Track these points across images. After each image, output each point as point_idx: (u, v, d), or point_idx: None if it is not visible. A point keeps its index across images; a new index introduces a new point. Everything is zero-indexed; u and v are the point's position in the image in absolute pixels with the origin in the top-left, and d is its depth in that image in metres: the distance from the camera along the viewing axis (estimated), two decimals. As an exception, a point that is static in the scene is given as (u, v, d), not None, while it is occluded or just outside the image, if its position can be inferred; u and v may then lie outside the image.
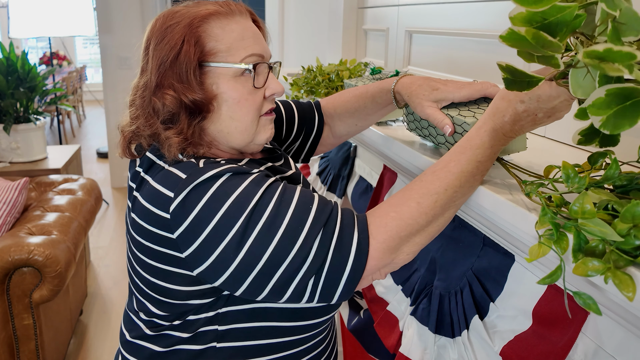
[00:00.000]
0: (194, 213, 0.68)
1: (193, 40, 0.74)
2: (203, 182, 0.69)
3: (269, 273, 0.67)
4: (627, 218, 0.48)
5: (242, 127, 0.79)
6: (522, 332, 0.78)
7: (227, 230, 0.67)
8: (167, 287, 0.76)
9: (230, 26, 0.77)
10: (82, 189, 2.55)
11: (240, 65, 0.76)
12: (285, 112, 1.05)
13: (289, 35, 2.99)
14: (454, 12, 1.22)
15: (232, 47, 0.76)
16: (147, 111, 0.77)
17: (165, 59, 0.75)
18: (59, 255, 1.88)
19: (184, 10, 0.78)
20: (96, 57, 9.43)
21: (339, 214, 0.70)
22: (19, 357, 1.95)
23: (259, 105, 0.80)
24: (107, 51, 4.35)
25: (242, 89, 0.77)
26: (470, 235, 0.93)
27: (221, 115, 0.77)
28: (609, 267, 0.49)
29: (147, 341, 0.83)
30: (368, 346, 1.31)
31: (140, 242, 0.76)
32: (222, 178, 0.70)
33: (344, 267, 0.67)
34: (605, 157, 0.64)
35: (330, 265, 0.67)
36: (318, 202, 0.71)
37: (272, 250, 0.66)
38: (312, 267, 0.67)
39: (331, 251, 0.67)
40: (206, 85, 0.76)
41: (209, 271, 0.70)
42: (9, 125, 2.73)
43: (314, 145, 1.08)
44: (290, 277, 0.67)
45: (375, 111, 0.99)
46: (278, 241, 0.66)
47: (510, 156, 0.85)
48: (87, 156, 5.71)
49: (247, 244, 0.66)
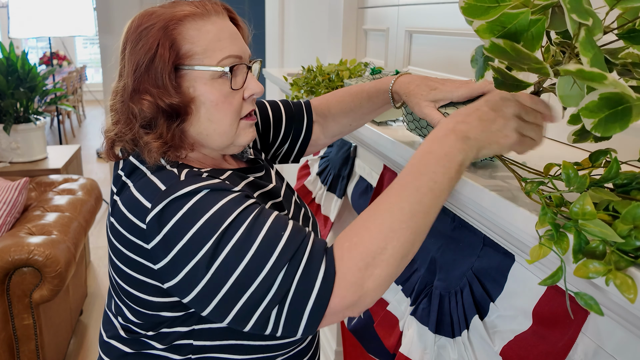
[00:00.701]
0: (168, 226, 0.67)
1: (168, 44, 0.73)
2: (181, 196, 0.68)
3: (234, 298, 0.65)
4: (628, 219, 0.48)
5: (221, 129, 0.78)
6: (522, 332, 0.78)
7: (199, 248, 0.66)
8: (139, 296, 0.76)
9: (205, 27, 0.75)
10: (82, 189, 2.55)
11: (216, 68, 0.75)
12: (273, 112, 1.03)
13: (289, 35, 2.99)
14: (454, 12, 1.22)
15: (208, 49, 0.74)
16: (126, 116, 0.76)
17: (141, 63, 0.73)
18: (59, 255, 1.88)
19: (160, 11, 0.76)
20: (96, 57, 9.42)
21: (309, 245, 0.66)
22: (19, 357, 1.95)
23: (237, 107, 0.78)
24: (107, 51, 4.34)
25: (220, 92, 0.76)
26: (470, 235, 0.93)
27: (200, 117, 0.76)
28: (610, 269, 0.49)
29: (120, 342, 0.84)
30: (368, 346, 1.31)
31: (117, 247, 0.75)
32: (200, 194, 0.68)
33: (307, 301, 0.63)
34: (606, 156, 0.64)
35: (293, 296, 0.64)
36: (291, 230, 0.68)
37: (238, 275, 0.64)
38: (275, 296, 0.64)
39: (295, 282, 0.64)
40: (183, 89, 0.75)
41: (178, 286, 0.68)
42: (9, 125, 2.73)
43: (304, 145, 1.06)
44: (255, 305, 0.64)
45: (371, 111, 0.98)
46: (245, 266, 0.64)
47: (510, 154, 0.85)
48: (87, 156, 5.71)
49: (215, 264, 0.65)
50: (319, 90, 1.45)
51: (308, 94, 1.49)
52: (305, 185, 1.87)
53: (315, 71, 1.51)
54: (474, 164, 0.83)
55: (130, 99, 0.75)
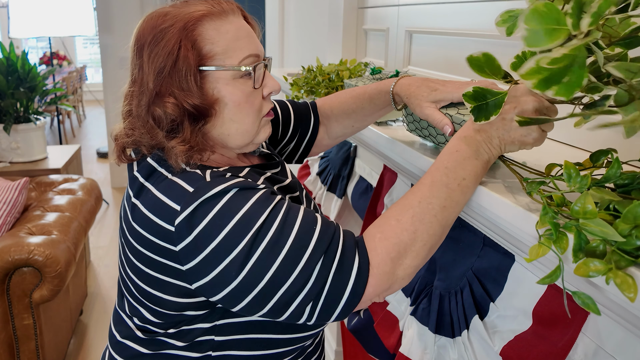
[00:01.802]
0: (199, 228, 0.67)
1: (190, 45, 0.71)
2: (211, 197, 0.68)
3: (270, 294, 0.66)
4: (629, 219, 0.48)
5: (243, 128, 0.78)
6: (522, 332, 0.78)
7: (232, 248, 0.66)
8: (160, 296, 0.75)
9: (224, 27, 0.74)
10: (82, 189, 2.55)
11: (239, 68, 0.74)
12: (282, 112, 1.04)
13: (289, 35, 2.99)
14: (454, 12, 1.22)
15: (229, 49, 0.74)
16: (147, 121, 0.74)
17: (163, 66, 0.72)
18: (59, 255, 1.88)
19: (174, 11, 0.74)
20: (96, 57, 9.42)
21: (341, 237, 0.69)
22: (19, 357, 1.95)
23: (259, 106, 0.79)
24: (107, 51, 4.35)
25: (242, 92, 0.75)
26: (470, 235, 0.93)
27: (223, 118, 0.76)
28: (611, 268, 0.49)
29: (136, 343, 0.83)
30: (368, 346, 1.31)
31: (137, 249, 0.74)
32: (229, 194, 0.68)
33: (343, 292, 0.66)
34: (607, 156, 0.64)
35: (329, 288, 0.66)
36: (321, 224, 0.70)
37: (274, 272, 0.65)
38: (312, 290, 0.66)
39: (331, 275, 0.66)
40: (206, 90, 0.74)
41: (208, 287, 0.69)
42: (9, 125, 2.73)
43: (309, 146, 1.07)
44: (290, 299, 0.66)
45: (373, 112, 0.98)
46: (280, 262, 0.65)
47: (512, 154, 0.85)
48: (87, 156, 5.71)
49: (249, 264, 0.65)
50: (319, 90, 1.45)
51: (308, 94, 1.49)
52: (306, 185, 1.87)
53: (315, 71, 1.51)
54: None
55: (152, 102, 0.73)
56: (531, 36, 0.50)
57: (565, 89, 0.50)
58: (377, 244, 0.68)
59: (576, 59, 0.49)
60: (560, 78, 0.50)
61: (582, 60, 0.50)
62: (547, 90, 0.51)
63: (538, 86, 0.51)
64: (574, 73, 0.50)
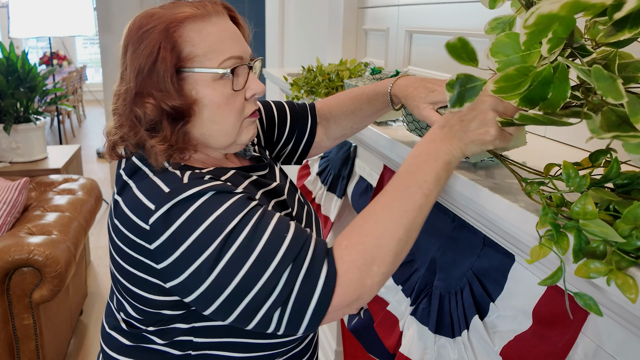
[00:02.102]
0: (172, 228, 0.68)
1: (169, 47, 0.73)
2: (185, 199, 0.69)
3: (238, 298, 0.66)
4: (629, 219, 0.48)
5: (224, 129, 0.78)
6: (522, 332, 0.78)
7: (203, 249, 0.67)
8: (140, 294, 0.77)
9: (206, 29, 0.75)
10: (82, 189, 2.55)
11: (218, 70, 0.75)
12: (278, 112, 1.04)
13: (289, 35, 2.99)
14: (454, 12, 1.22)
15: (210, 51, 0.75)
16: (130, 120, 0.75)
17: (143, 66, 0.73)
18: (59, 255, 1.88)
19: (160, 13, 0.76)
20: (96, 57, 9.42)
21: (311, 246, 0.69)
22: (19, 357, 1.95)
23: (240, 107, 0.79)
24: (107, 51, 4.35)
25: (222, 94, 0.76)
26: (470, 235, 0.93)
27: (203, 119, 0.77)
28: (611, 269, 0.49)
29: (121, 335, 0.85)
30: (368, 346, 1.31)
31: (119, 246, 0.76)
32: (204, 197, 0.69)
33: (310, 301, 0.66)
34: (606, 156, 0.64)
35: (297, 296, 0.66)
36: (293, 232, 0.70)
37: (243, 275, 0.66)
38: (279, 297, 0.66)
39: (299, 282, 0.66)
40: (185, 91, 0.75)
41: (182, 287, 0.69)
42: (9, 125, 2.73)
43: (307, 147, 1.07)
44: (258, 306, 0.66)
45: (372, 113, 0.98)
46: (249, 267, 0.66)
47: (512, 155, 0.85)
48: (87, 156, 5.71)
49: (219, 266, 0.66)
50: (319, 90, 1.45)
51: (308, 94, 1.49)
52: (306, 185, 1.87)
53: (316, 71, 1.51)
54: (475, 165, 0.83)
55: (133, 102, 0.75)
56: (503, 66, 0.52)
57: (550, 104, 0.52)
58: (343, 252, 0.67)
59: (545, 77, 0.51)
60: (542, 95, 0.52)
61: (563, 75, 0.51)
62: (533, 107, 0.53)
63: (521, 104, 0.53)
64: (556, 88, 0.52)
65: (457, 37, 0.64)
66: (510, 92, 0.54)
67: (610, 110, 0.49)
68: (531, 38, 0.50)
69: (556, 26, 0.48)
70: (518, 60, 0.53)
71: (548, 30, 0.49)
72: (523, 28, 0.49)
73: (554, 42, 0.50)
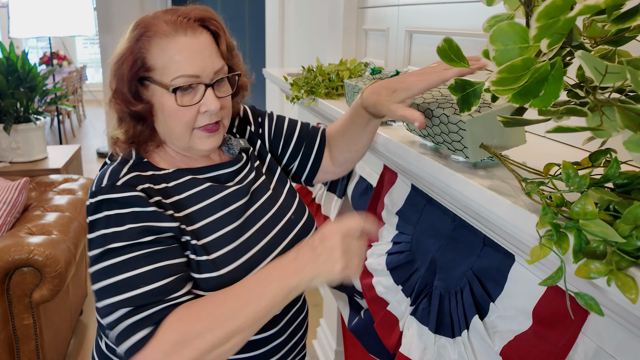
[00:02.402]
0: (94, 217, 0.80)
1: (137, 55, 0.82)
2: (110, 201, 0.79)
3: (100, 297, 0.77)
4: (629, 219, 0.48)
5: (175, 135, 0.87)
6: (522, 332, 0.78)
7: (93, 248, 0.78)
8: None
9: (168, 46, 0.82)
10: (82, 188, 2.55)
11: (166, 87, 0.82)
12: (288, 126, 1.08)
13: (289, 35, 2.99)
14: (454, 12, 1.22)
15: (165, 67, 0.82)
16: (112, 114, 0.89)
17: (115, 68, 0.85)
18: (59, 255, 1.88)
19: (146, 22, 0.84)
20: (96, 57, 9.42)
21: (158, 307, 0.74)
22: (19, 357, 1.95)
23: (189, 120, 0.85)
24: (107, 51, 4.34)
25: (171, 105, 0.83)
26: (470, 235, 0.93)
27: (160, 122, 0.87)
28: (611, 269, 0.49)
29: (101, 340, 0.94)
30: (368, 346, 1.31)
31: None
32: (122, 210, 0.78)
33: (125, 342, 0.73)
34: (606, 155, 0.63)
35: (121, 332, 0.74)
36: (152, 288, 0.75)
37: (100, 289, 0.76)
38: (115, 322, 0.74)
39: (127, 324, 0.73)
40: (146, 96, 0.85)
41: None
42: (9, 125, 2.72)
43: (315, 168, 1.09)
44: (109, 313, 0.76)
45: (360, 131, 0.99)
46: (105, 286, 0.76)
47: (512, 155, 0.85)
48: (87, 156, 5.71)
49: (95, 267, 0.77)
50: (319, 90, 1.45)
51: (308, 94, 1.49)
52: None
53: (316, 71, 1.51)
54: (475, 165, 0.83)
55: (110, 99, 0.87)
56: (499, 55, 0.52)
57: (541, 101, 0.52)
58: (172, 322, 0.73)
59: (546, 73, 0.51)
60: (535, 91, 0.52)
61: (559, 73, 0.51)
62: (524, 103, 0.53)
63: (513, 100, 0.53)
64: (550, 85, 0.51)
65: (444, 39, 0.65)
66: (509, 85, 0.53)
67: (624, 108, 0.49)
68: (541, 32, 0.49)
69: (561, 22, 0.48)
70: (515, 52, 0.52)
71: (556, 26, 0.49)
72: (535, 22, 0.49)
73: (554, 38, 0.50)
